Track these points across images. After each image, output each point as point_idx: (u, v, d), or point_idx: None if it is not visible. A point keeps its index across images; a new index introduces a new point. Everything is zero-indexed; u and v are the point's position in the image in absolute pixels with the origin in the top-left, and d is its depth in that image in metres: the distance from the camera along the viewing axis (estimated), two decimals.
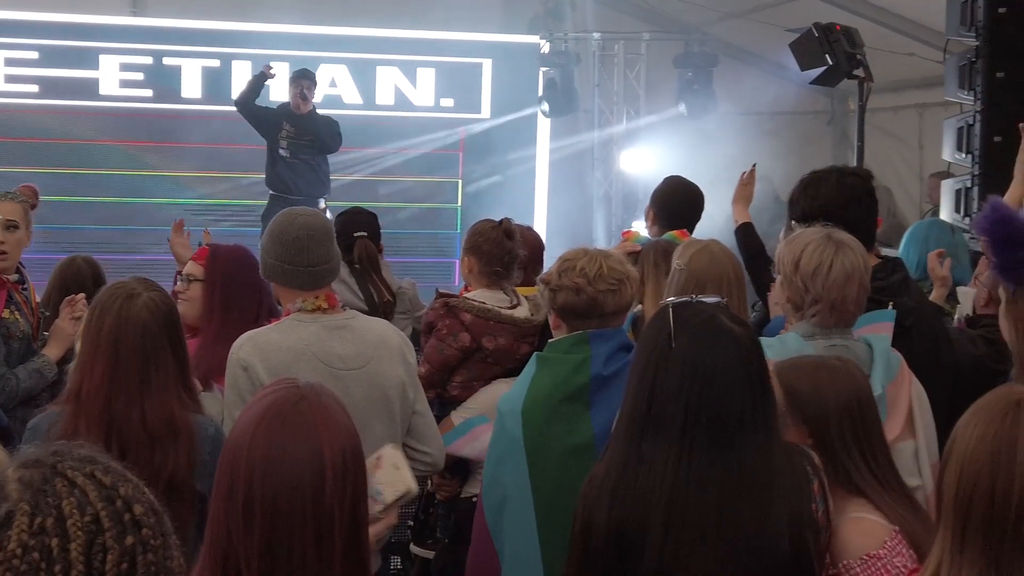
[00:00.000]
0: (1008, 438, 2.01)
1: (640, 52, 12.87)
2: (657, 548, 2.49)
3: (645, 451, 2.55)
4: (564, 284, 3.49)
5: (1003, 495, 1.99)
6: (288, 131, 10.29)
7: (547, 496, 3.31)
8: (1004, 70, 6.55)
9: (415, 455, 3.82)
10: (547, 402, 3.39)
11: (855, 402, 2.80)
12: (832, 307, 3.34)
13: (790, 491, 2.57)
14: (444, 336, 4.46)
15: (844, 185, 4.07)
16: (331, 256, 3.72)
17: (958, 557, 2.04)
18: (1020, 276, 3.04)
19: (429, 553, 4.58)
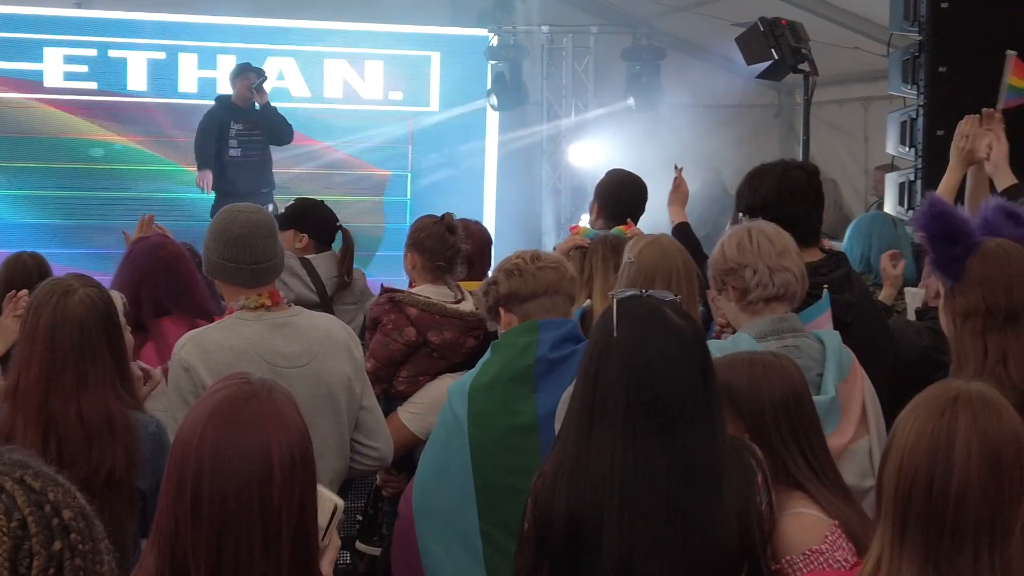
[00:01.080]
0: (946, 434, 2.03)
1: (588, 45, 12.89)
2: (614, 536, 2.51)
3: (593, 440, 2.58)
4: (502, 268, 3.59)
5: (941, 490, 2.01)
6: (238, 129, 10.16)
7: (487, 474, 3.37)
8: (947, 65, 6.61)
9: (363, 450, 3.84)
10: (494, 383, 3.44)
11: (791, 396, 2.81)
12: (772, 274, 3.37)
13: (738, 484, 2.59)
14: (389, 331, 4.45)
15: (788, 178, 4.10)
16: (274, 253, 3.70)
17: (898, 551, 2.06)
18: (956, 271, 3.06)
19: (374, 550, 4.56)
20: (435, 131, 12.61)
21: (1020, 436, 2.05)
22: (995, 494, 2.00)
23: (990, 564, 2.00)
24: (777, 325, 3.39)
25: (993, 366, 2.99)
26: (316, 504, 2.21)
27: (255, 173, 10.21)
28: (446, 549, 3.48)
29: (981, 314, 3.03)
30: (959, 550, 2.01)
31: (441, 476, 3.49)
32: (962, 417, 2.04)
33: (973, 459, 2.01)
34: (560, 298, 3.61)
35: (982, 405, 2.06)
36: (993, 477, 2.01)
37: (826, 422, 3.22)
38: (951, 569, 2.01)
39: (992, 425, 2.03)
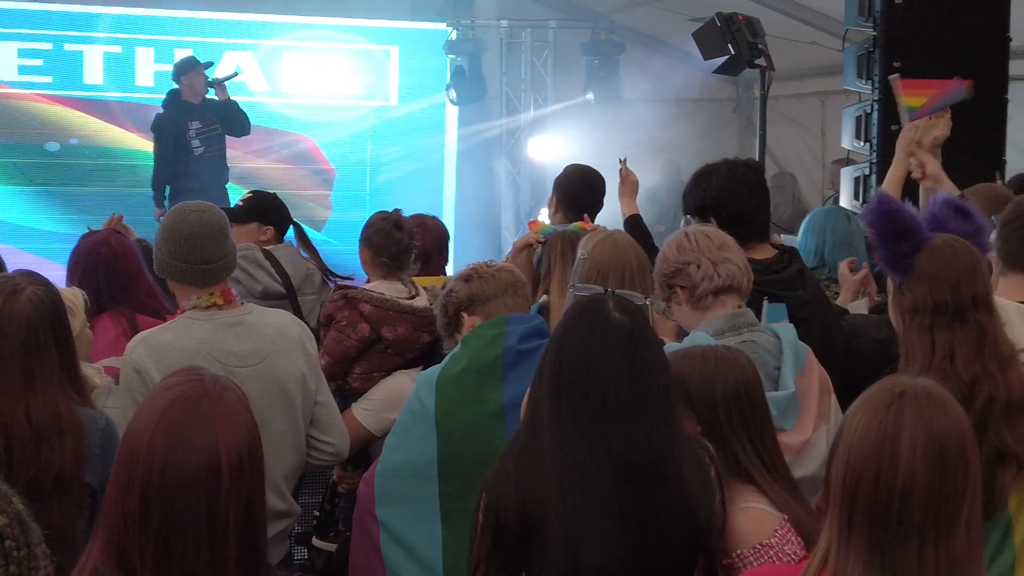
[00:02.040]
0: (892, 429, 2.05)
1: (547, 40, 12.90)
2: (558, 524, 2.56)
3: (537, 431, 2.64)
4: (458, 278, 3.68)
5: (887, 484, 2.03)
6: (196, 127, 10.09)
7: (451, 463, 3.42)
8: (901, 60, 6.64)
9: (319, 445, 3.85)
10: (463, 373, 3.49)
11: (743, 390, 2.84)
12: (716, 266, 3.44)
13: (692, 479, 2.62)
14: (343, 327, 4.45)
15: (734, 177, 4.15)
16: (225, 252, 3.69)
17: (845, 544, 2.08)
18: (905, 268, 3.09)
19: (331, 546, 4.57)
20: (394, 125, 12.58)
21: (964, 431, 2.08)
22: (940, 488, 2.03)
23: (935, 557, 2.02)
24: (733, 321, 3.43)
25: (940, 361, 3.02)
26: (264, 503, 2.23)
27: (218, 167, 10.19)
28: (407, 534, 3.53)
29: (929, 310, 3.06)
30: (904, 543, 2.03)
31: (405, 462, 3.53)
32: (908, 412, 2.06)
33: (918, 454, 2.03)
34: (520, 299, 3.68)
35: (927, 400, 2.08)
36: (938, 471, 2.03)
37: (786, 417, 3.26)
38: (897, 562, 2.03)
39: (937, 420, 2.06)
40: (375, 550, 3.59)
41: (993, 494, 2.99)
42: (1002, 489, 3.00)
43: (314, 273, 5.37)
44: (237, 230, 4.79)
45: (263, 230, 5.38)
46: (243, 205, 5.45)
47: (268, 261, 5.19)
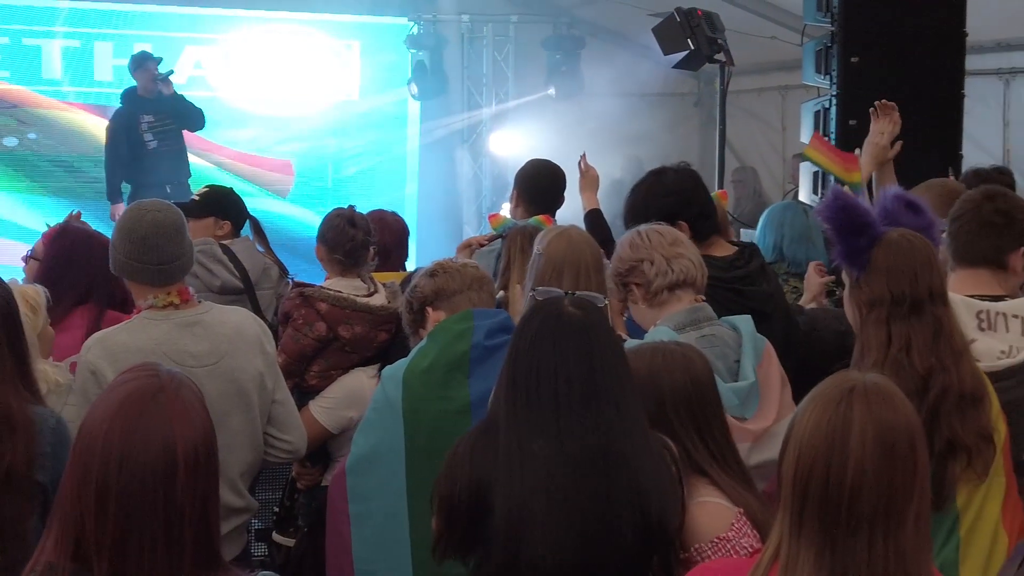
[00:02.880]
0: (841, 424, 2.07)
1: (508, 34, 12.91)
2: (504, 508, 2.61)
3: (496, 420, 2.70)
4: (423, 275, 3.67)
5: (837, 479, 2.05)
6: (149, 121, 10.06)
7: (418, 458, 3.43)
8: (859, 55, 6.70)
9: (276, 443, 3.86)
10: (430, 368, 3.49)
11: (691, 385, 2.86)
12: (669, 262, 3.50)
13: (643, 473, 2.64)
14: (300, 326, 4.45)
15: (685, 177, 4.33)
16: (182, 252, 3.68)
17: (796, 538, 2.10)
18: (863, 262, 3.12)
19: (290, 541, 4.57)
20: (356, 120, 12.54)
21: (913, 426, 2.10)
22: (889, 483, 2.05)
23: (884, 550, 2.04)
24: (693, 315, 3.48)
25: (896, 353, 3.05)
26: (218, 498, 2.26)
27: (174, 162, 10.13)
28: (375, 532, 3.54)
29: (886, 303, 3.09)
30: (854, 537, 2.05)
31: (373, 459, 3.54)
32: (857, 408, 2.08)
33: (868, 449, 2.05)
34: (484, 294, 3.69)
35: (877, 396, 2.10)
36: (887, 466, 2.05)
37: (747, 406, 3.32)
38: (847, 555, 2.05)
39: (886, 416, 2.08)
40: (347, 551, 3.59)
41: (944, 486, 3.03)
42: (952, 481, 3.04)
43: (271, 267, 5.37)
44: (194, 225, 4.79)
45: (220, 225, 5.36)
46: (199, 200, 5.42)
47: (226, 256, 5.17)
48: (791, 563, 2.09)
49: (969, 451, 3.02)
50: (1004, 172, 5.94)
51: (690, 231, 4.06)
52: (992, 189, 3.79)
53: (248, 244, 5.39)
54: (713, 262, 3.90)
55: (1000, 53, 9.43)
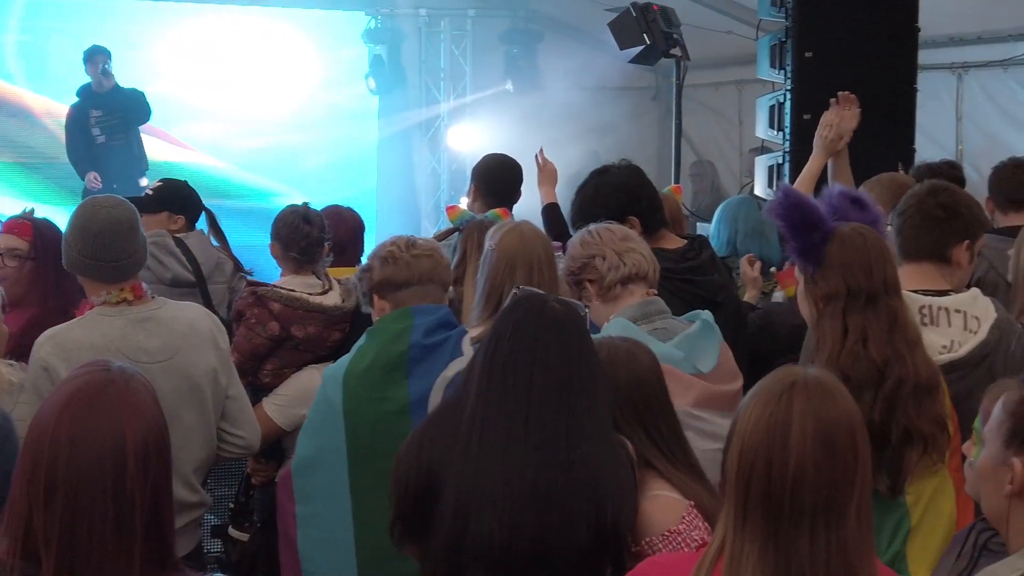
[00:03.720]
0: (782, 419, 2.10)
1: (466, 28, 12.89)
2: (454, 491, 2.64)
3: (462, 407, 2.72)
4: (377, 255, 3.63)
5: (779, 473, 2.08)
6: (96, 115, 10.03)
7: (361, 459, 3.45)
8: (813, 50, 6.75)
9: (230, 438, 3.86)
10: (368, 369, 3.49)
11: (634, 381, 2.89)
12: (621, 256, 3.53)
13: (603, 471, 2.67)
14: (253, 325, 4.44)
15: (630, 173, 4.33)
16: (135, 249, 3.67)
17: (741, 531, 2.12)
18: (818, 257, 3.15)
19: (245, 536, 4.57)
20: (314, 114, 12.48)
21: (854, 420, 2.12)
22: (830, 476, 2.07)
23: (826, 542, 2.07)
24: (644, 309, 3.51)
25: (852, 345, 3.08)
26: (171, 492, 2.26)
27: (124, 157, 10.08)
28: (321, 532, 3.55)
29: (842, 296, 3.12)
30: (797, 530, 2.07)
31: (316, 461, 3.55)
32: (797, 402, 2.11)
33: (808, 442, 2.08)
34: (434, 286, 3.65)
35: (817, 390, 2.12)
36: (827, 460, 2.08)
37: (698, 358, 3.42)
38: (789, 548, 2.07)
39: (827, 409, 2.10)
40: (295, 552, 3.61)
41: (901, 474, 3.07)
42: (910, 469, 3.07)
43: (225, 262, 5.36)
44: (148, 219, 4.76)
45: (174, 219, 5.33)
46: (153, 194, 5.39)
47: (179, 249, 5.16)
48: (736, 556, 2.11)
49: (925, 439, 3.06)
50: (954, 166, 6.02)
51: (640, 226, 4.08)
52: (937, 184, 3.83)
53: (202, 238, 5.38)
54: (664, 254, 3.93)
55: (952, 48, 9.53)
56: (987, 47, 9.36)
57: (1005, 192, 5.06)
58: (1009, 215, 5.02)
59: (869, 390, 3.04)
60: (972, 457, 2.24)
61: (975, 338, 3.50)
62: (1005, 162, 5.19)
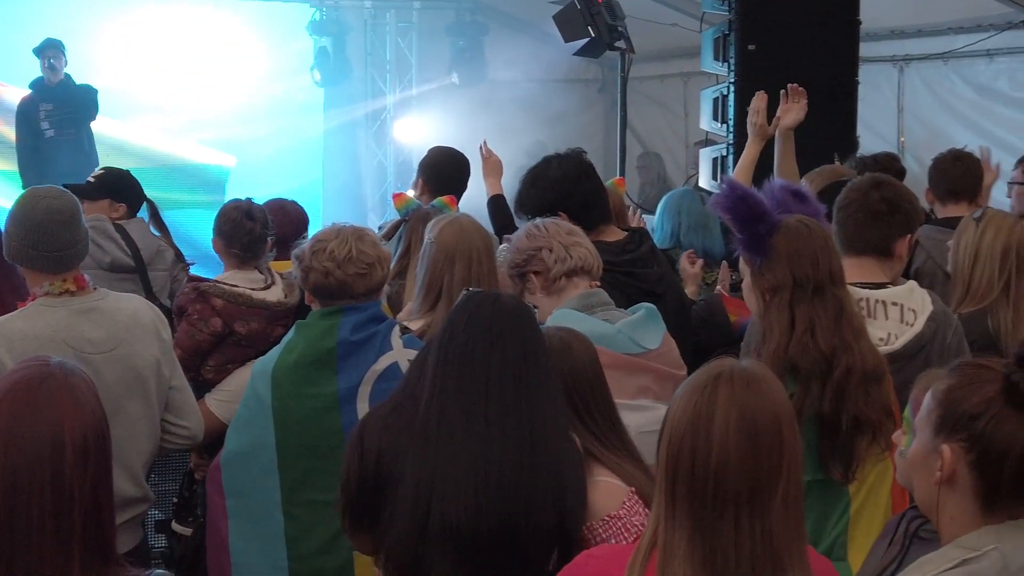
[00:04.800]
0: (706, 410, 2.13)
1: (412, 21, 12.86)
2: (415, 476, 2.66)
3: (417, 397, 2.75)
4: (314, 266, 3.60)
5: (702, 463, 2.11)
6: (46, 109, 9.95)
7: (289, 453, 3.48)
8: (756, 43, 6.80)
9: (174, 429, 3.85)
10: (296, 365, 3.52)
11: (568, 372, 2.91)
12: (567, 249, 3.56)
13: (562, 461, 2.72)
14: (195, 321, 4.42)
15: (568, 166, 4.39)
16: (77, 239, 3.65)
17: (670, 521, 2.15)
18: (764, 249, 3.17)
19: (188, 531, 4.55)
20: (260, 106, 12.38)
21: (779, 411, 2.15)
22: (753, 465, 2.10)
23: (750, 531, 2.09)
24: (587, 300, 3.53)
25: (801, 335, 3.11)
26: (111, 487, 2.25)
27: (74, 153, 9.99)
28: (250, 526, 3.57)
29: (789, 287, 3.15)
30: (721, 518, 2.10)
31: (245, 456, 3.58)
32: (722, 393, 2.14)
33: (731, 432, 2.11)
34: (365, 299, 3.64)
35: (742, 381, 2.15)
36: (751, 449, 2.10)
37: (648, 335, 3.46)
38: (715, 536, 2.10)
39: (750, 400, 2.13)
40: (225, 544, 3.62)
41: (852, 462, 3.11)
42: (860, 457, 3.12)
43: (166, 250, 5.36)
44: (89, 207, 4.77)
45: (115, 207, 5.34)
46: (94, 182, 5.39)
47: (118, 234, 5.13)
48: (668, 547, 2.14)
49: (874, 427, 3.10)
50: (894, 158, 6.10)
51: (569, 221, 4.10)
52: (878, 177, 3.86)
53: (143, 225, 5.38)
54: (604, 247, 3.95)
55: (894, 41, 9.63)
56: (927, 40, 9.46)
57: (944, 184, 5.13)
58: (948, 206, 5.09)
59: (818, 380, 3.09)
60: (903, 447, 2.27)
61: (911, 331, 3.54)
62: (944, 154, 5.26)
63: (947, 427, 2.14)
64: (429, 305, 3.88)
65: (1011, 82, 9.04)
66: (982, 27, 8.96)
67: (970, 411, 2.11)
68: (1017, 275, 4.11)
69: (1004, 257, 4.11)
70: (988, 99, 9.04)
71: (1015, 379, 2.08)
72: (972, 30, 9.07)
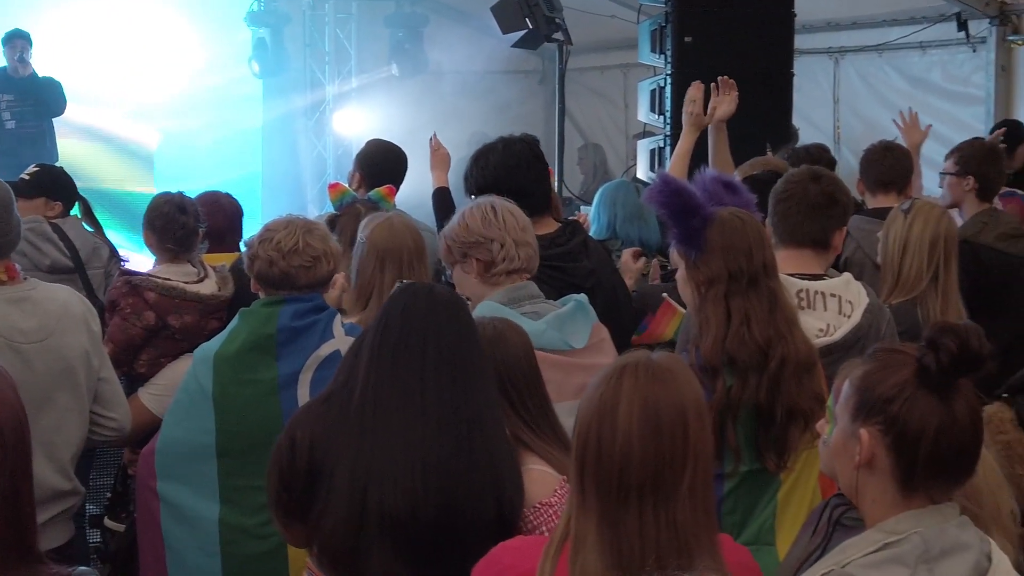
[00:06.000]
0: (611, 400, 2.16)
1: (350, 12, 12.81)
2: (350, 465, 2.66)
3: (351, 386, 2.74)
4: (259, 254, 3.62)
5: (607, 453, 2.14)
6: (8, 100, 9.84)
7: (229, 439, 3.49)
8: (692, 35, 6.85)
9: (102, 421, 3.82)
10: (238, 351, 3.53)
11: (501, 362, 2.92)
12: (518, 247, 3.54)
13: (499, 450, 2.73)
14: (128, 315, 4.38)
15: (511, 153, 4.28)
16: (9, 229, 3.61)
17: (581, 510, 2.18)
18: (700, 242, 3.19)
19: (121, 527, 4.50)
20: (198, 98, 12.26)
21: (685, 402, 2.17)
22: (656, 455, 2.13)
23: (655, 520, 2.12)
24: (514, 294, 3.53)
25: (738, 328, 3.14)
26: (31, 481, 2.20)
27: (34, 147, 9.88)
28: (186, 510, 3.57)
29: (724, 280, 3.17)
30: (625, 508, 2.13)
31: (184, 441, 3.57)
32: (626, 383, 2.16)
33: (634, 422, 2.13)
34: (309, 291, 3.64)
35: (647, 372, 2.18)
36: (653, 439, 2.13)
37: (575, 335, 3.45)
38: (620, 525, 2.13)
39: (654, 391, 2.16)
40: (157, 526, 3.62)
41: (786, 451, 3.14)
42: (793, 446, 3.15)
43: (101, 247, 5.31)
44: (24, 205, 4.70)
45: (51, 205, 5.28)
46: (29, 179, 5.32)
47: (56, 235, 5.08)
48: (578, 537, 2.16)
49: (806, 416, 3.12)
50: (825, 149, 6.17)
51: None
52: (816, 170, 3.90)
53: (78, 224, 5.33)
54: None
55: (829, 33, 9.74)
56: (862, 32, 9.58)
57: (874, 174, 5.19)
58: (878, 197, 5.15)
59: (755, 372, 3.11)
60: (825, 435, 2.31)
61: (849, 322, 3.58)
62: (875, 145, 5.32)
63: (864, 412, 2.18)
64: (362, 305, 3.89)
65: (944, 74, 9.17)
66: (915, 20, 9.09)
67: (885, 395, 2.15)
68: (945, 265, 4.18)
69: (932, 248, 4.17)
70: (921, 91, 9.17)
71: (926, 362, 2.12)
72: (906, 23, 9.20)
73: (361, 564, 2.66)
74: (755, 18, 6.92)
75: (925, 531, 2.12)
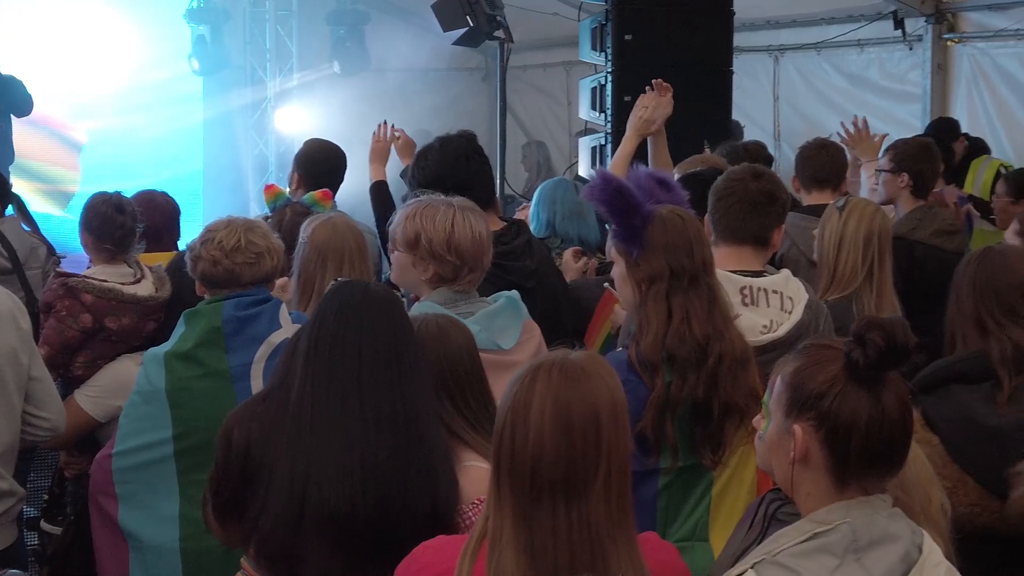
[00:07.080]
0: (524, 400, 2.18)
1: (291, 8, 12.74)
2: (288, 463, 2.67)
3: (289, 384, 2.75)
4: (202, 255, 3.66)
5: (520, 452, 2.16)
6: None
7: (185, 436, 3.51)
8: (632, 32, 6.86)
9: (35, 421, 3.78)
10: (188, 348, 3.56)
11: (444, 358, 2.92)
12: (480, 274, 3.56)
13: (435, 448, 2.74)
14: (64, 317, 4.33)
15: (449, 149, 4.29)
16: None
17: (498, 509, 2.20)
18: (640, 240, 3.20)
19: (58, 530, 4.47)
20: (138, 95, 12.13)
21: (598, 403, 2.18)
22: (568, 455, 2.14)
23: (567, 520, 2.13)
24: (450, 295, 3.50)
25: (678, 325, 3.15)
26: None
27: None
28: (145, 508, 3.57)
29: (665, 278, 3.18)
30: (539, 506, 2.15)
31: (141, 443, 3.57)
32: (539, 384, 2.18)
33: (546, 421, 2.15)
34: (253, 274, 3.68)
35: (560, 372, 2.19)
36: (565, 439, 2.14)
37: (504, 335, 3.46)
38: (534, 524, 2.15)
39: (566, 392, 2.17)
40: (115, 527, 3.61)
41: (721, 447, 3.17)
42: (728, 442, 3.17)
43: (39, 246, 5.26)
44: None
45: None
46: None
47: None
48: (496, 535, 2.17)
49: (742, 412, 3.14)
50: (761, 146, 6.22)
51: None
52: (756, 168, 3.91)
53: (15, 223, 5.26)
54: None
55: (769, 31, 9.82)
56: (801, 30, 9.68)
57: (810, 172, 5.24)
58: (813, 194, 5.20)
59: (694, 368, 3.13)
60: (761, 431, 2.33)
61: (791, 318, 3.61)
62: (811, 142, 5.37)
63: (796, 407, 2.21)
64: (305, 303, 3.89)
65: (881, 72, 9.29)
66: (853, 18, 9.20)
67: (816, 390, 2.19)
68: (879, 262, 4.23)
69: (867, 244, 4.22)
70: (859, 88, 9.28)
71: (854, 356, 2.16)
72: (844, 20, 9.31)
73: (298, 563, 2.66)
74: (695, 16, 6.95)
75: (854, 521, 2.16)
